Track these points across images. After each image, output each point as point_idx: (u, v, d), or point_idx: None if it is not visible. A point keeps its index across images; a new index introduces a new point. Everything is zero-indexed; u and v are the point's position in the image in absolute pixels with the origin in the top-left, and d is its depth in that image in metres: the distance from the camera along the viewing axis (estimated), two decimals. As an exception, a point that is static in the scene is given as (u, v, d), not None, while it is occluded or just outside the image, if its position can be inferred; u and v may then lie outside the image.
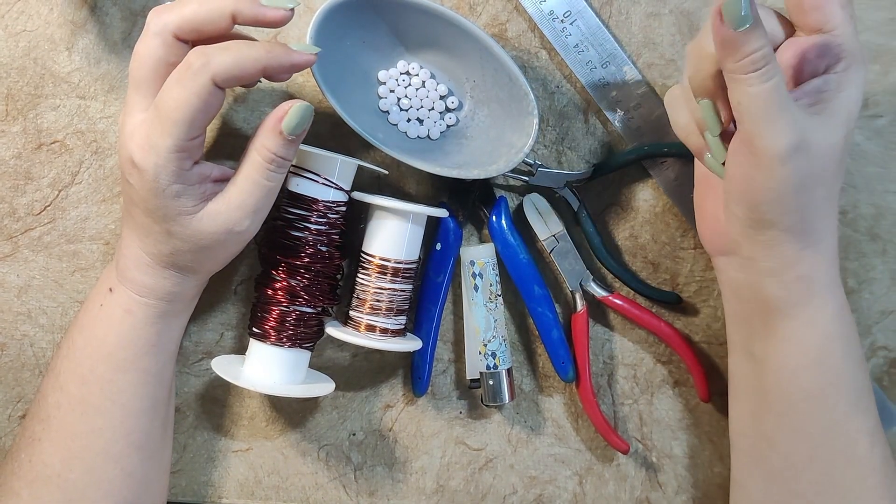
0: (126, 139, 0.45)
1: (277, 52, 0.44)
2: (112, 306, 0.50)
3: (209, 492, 0.59)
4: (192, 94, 0.43)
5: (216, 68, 0.43)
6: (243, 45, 0.44)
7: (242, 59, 0.43)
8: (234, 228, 0.47)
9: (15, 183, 0.57)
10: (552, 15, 0.55)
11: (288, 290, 0.51)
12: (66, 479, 0.49)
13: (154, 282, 0.49)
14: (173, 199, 0.45)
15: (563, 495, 0.60)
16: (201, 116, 0.44)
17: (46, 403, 0.50)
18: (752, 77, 0.40)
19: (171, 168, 0.44)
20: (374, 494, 0.60)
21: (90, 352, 0.50)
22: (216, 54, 0.43)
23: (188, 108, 0.43)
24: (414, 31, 0.53)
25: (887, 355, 0.58)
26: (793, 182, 0.43)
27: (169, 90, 0.43)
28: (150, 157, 0.44)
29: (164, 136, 0.43)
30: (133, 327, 0.50)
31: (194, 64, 0.43)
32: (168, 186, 0.45)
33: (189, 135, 0.44)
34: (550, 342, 0.56)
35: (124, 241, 0.50)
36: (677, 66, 0.57)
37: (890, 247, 0.58)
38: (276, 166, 0.47)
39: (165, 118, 0.43)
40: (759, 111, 0.41)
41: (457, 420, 0.59)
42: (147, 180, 0.45)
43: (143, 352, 0.50)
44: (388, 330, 0.53)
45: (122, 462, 0.50)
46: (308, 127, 0.46)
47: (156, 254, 0.48)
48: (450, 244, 0.56)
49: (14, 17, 0.56)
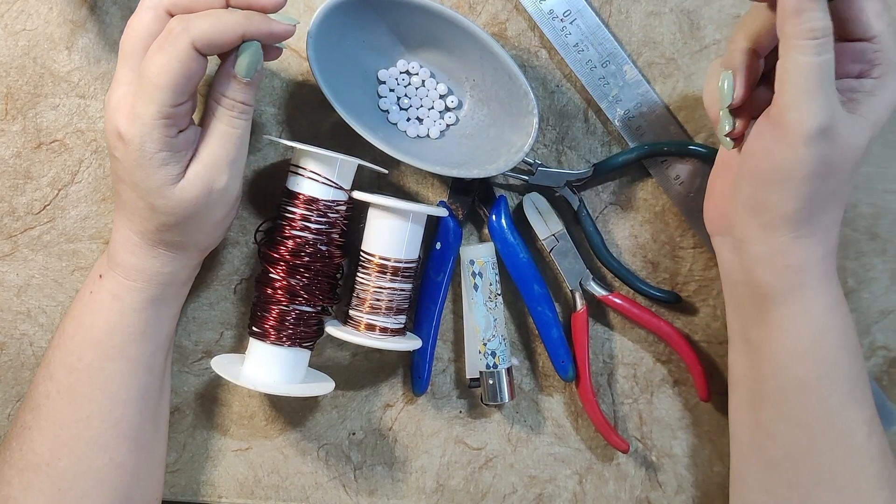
0: (112, 112, 0.45)
1: (256, 20, 0.45)
2: (101, 293, 0.50)
3: (209, 491, 0.59)
4: (173, 59, 0.43)
5: (195, 33, 0.43)
6: (223, 11, 0.45)
7: (221, 24, 0.44)
8: (214, 186, 0.47)
9: (14, 182, 0.57)
10: (552, 14, 0.55)
11: (288, 289, 0.51)
12: (55, 468, 0.49)
13: (143, 263, 0.49)
14: (159, 168, 0.45)
15: (563, 494, 0.60)
16: (183, 82, 0.44)
17: (37, 393, 0.50)
18: (807, 44, 0.40)
19: (155, 135, 0.44)
20: (374, 494, 0.60)
21: (79, 340, 0.50)
22: (195, 19, 0.44)
23: (170, 74, 0.43)
24: (414, 30, 0.53)
25: (887, 355, 0.58)
26: (809, 166, 0.43)
27: (151, 57, 0.44)
28: (135, 126, 0.44)
29: (148, 104, 0.44)
30: (121, 313, 0.50)
31: (175, 29, 0.43)
32: (154, 154, 0.45)
33: (173, 101, 0.44)
34: (550, 341, 0.56)
35: (115, 225, 0.50)
36: (678, 64, 0.56)
37: (889, 246, 0.58)
38: (239, 112, 0.47)
39: (149, 85, 0.44)
40: (803, 83, 0.41)
41: (457, 419, 0.59)
42: (133, 150, 0.45)
43: (131, 339, 0.50)
44: (388, 329, 0.53)
45: (111, 452, 0.50)
46: (262, 68, 0.47)
47: (143, 232, 0.48)
48: (450, 243, 0.56)
49: (14, 16, 0.56)
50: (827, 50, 0.41)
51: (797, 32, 0.41)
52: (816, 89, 0.41)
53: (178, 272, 0.51)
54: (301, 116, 0.57)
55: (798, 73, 0.41)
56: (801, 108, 0.42)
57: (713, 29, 0.56)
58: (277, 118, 0.57)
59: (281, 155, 0.57)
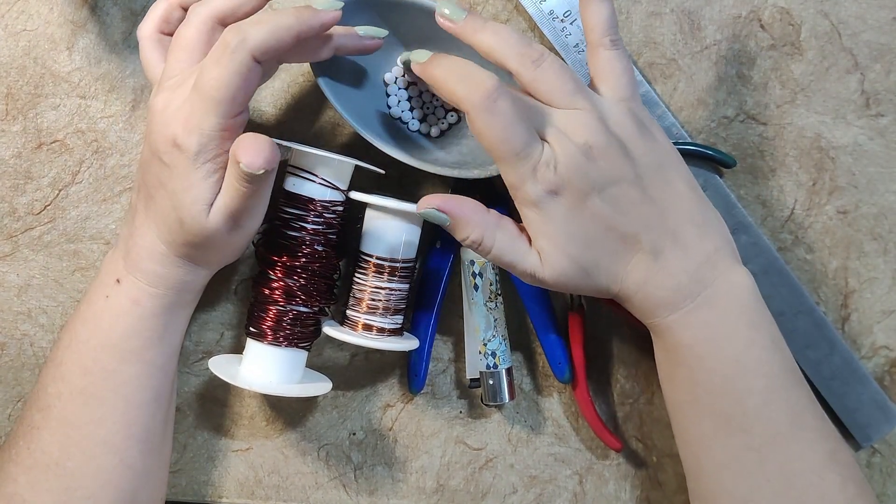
0: (169, 119, 0.45)
1: (306, 16, 0.45)
2: (119, 297, 0.50)
3: (209, 491, 0.59)
4: (232, 73, 0.43)
5: (253, 43, 0.43)
6: (274, 15, 0.44)
7: (276, 31, 0.43)
8: (226, 229, 0.47)
9: (15, 182, 0.57)
10: (552, 14, 0.55)
11: (285, 289, 0.51)
12: (64, 468, 0.49)
13: (167, 271, 0.49)
14: (202, 181, 0.45)
15: (564, 494, 0.60)
16: (242, 94, 0.44)
17: (46, 393, 0.50)
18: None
19: (212, 146, 0.45)
20: (375, 494, 0.60)
21: (95, 343, 0.50)
22: (251, 30, 0.43)
23: (230, 87, 0.43)
24: (414, 31, 0.53)
25: (888, 355, 0.58)
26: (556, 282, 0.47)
27: (209, 70, 0.43)
28: (193, 136, 0.44)
29: (209, 115, 0.44)
30: (140, 318, 0.50)
31: (232, 42, 0.43)
32: (202, 165, 0.45)
33: (233, 112, 0.44)
34: (547, 343, 0.56)
35: (138, 230, 0.49)
36: (678, 65, 0.56)
37: (891, 246, 0.57)
38: (248, 181, 0.45)
39: (208, 98, 0.43)
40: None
41: (457, 419, 0.59)
42: (186, 158, 0.45)
43: (149, 343, 0.50)
44: (385, 329, 0.53)
45: (122, 453, 0.50)
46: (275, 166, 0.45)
47: (171, 242, 0.48)
48: (449, 243, 0.56)
49: (14, 16, 0.56)
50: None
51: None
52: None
53: (197, 280, 0.51)
54: (299, 117, 0.57)
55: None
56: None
57: (714, 29, 0.56)
58: (276, 119, 0.57)
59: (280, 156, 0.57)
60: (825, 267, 0.58)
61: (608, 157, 0.45)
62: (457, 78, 0.44)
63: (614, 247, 0.46)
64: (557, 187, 0.45)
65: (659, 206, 0.46)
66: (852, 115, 0.57)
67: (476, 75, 0.44)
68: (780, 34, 0.57)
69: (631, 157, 0.46)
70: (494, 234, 0.47)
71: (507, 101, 0.43)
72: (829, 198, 0.57)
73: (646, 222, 0.46)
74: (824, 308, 0.58)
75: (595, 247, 0.46)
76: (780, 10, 0.57)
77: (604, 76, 0.47)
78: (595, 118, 0.45)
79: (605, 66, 0.47)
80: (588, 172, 0.45)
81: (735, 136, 0.57)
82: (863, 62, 0.57)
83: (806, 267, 0.58)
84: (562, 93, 0.45)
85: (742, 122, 0.57)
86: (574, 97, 0.45)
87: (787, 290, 0.56)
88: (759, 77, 0.57)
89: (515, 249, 0.47)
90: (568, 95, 0.45)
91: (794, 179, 0.57)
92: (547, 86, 0.45)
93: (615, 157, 0.45)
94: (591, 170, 0.45)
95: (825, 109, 0.57)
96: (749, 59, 0.57)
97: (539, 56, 0.45)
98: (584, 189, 0.45)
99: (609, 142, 0.45)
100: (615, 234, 0.46)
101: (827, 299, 0.58)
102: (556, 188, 0.45)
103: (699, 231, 0.47)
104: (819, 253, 0.58)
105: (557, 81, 0.45)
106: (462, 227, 0.46)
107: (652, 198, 0.46)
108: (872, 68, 0.57)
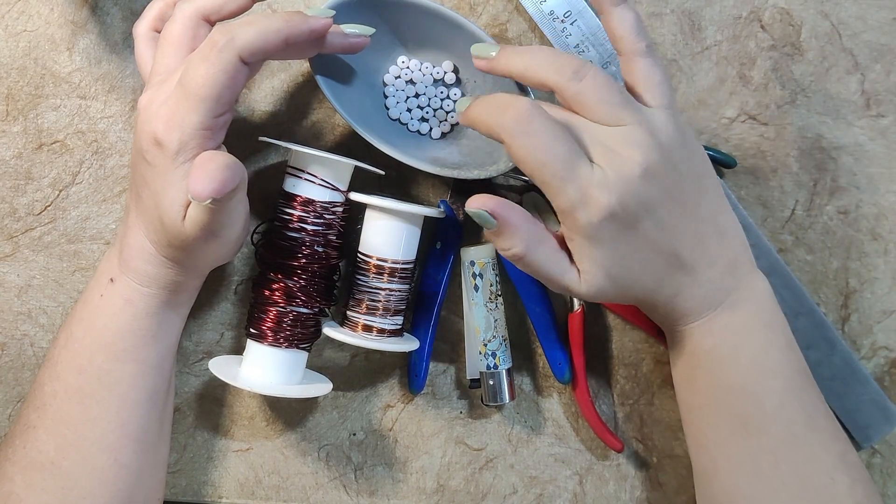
0: (150, 116, 0.45)
1: (296, 20, 0.44)
2: (113, 296, 0.50)
3: (209, 491, 0.59)
4: (218, 71, 0.43)
5: (241, 43, 0.43)
6: (264, 17, 0.44)
7: (265, 32, 0.43)
8: (202, 238, 0.46)
9: (15, 183, 0.57)
10: (552, 15, 0.55)
11: (285, 290, 0.51)
12: (59, 467, 0.49)
13: (157, 271, 0.49)
14: (182, 180, 0.45)
15: (564, 495, 0.60)
16: (228, 93, 0.44)
17: (42, 392, 0.51)
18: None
19: (193, 145, 0.44)
20: (375, 494, 0.60)
21: (89, 342, 0.50)
22: (240, 30, 0.43)
23: (216, 85, 0.43)
24: (414, 31, 0.53)
25: (888, 355, 0.58)
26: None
27: (195, 68, 0.43)
28: (174, 133, 0.44)
29: (192, 113, 0.43)
30: (134, 317, 0.50)
31: (219, 41, 0.43)
32: (182, 164, 0.44)
33: (216, 111, 0.44)
34: (548, 343, 0.56)
35: (130, 230, 0.49)
36: (679, 65, 0.56)
37: (891, 247, 0.57)
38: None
39: (193, 96, 0.43)
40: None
41: (457, 420, 0.59)
42: (167, 156, 0.44)
43: (142, 342, 0.50)
44: (385, 330, 0.53)
45: (117, 452, 0.50)
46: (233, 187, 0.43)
47: (156, 242, 0.48)
48: (449, 244, 0.56)
49: (14, 17, 0.56)
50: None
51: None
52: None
53: (189, 281, 0.51)
54: (298, 117, 0.57)
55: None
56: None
57: (714, 30, 0.56)
58: (275, 119, 0.57)
59: (279, 156, 0.57)
60: (825, 267, 0.58)
61: (663, 176, 0.43)
62: (491, 109, 0.43)
63: (656, 266, 0.45)
64: (612, 213, 0.42)
65: (695, 218, 0.45)
66: (853, 115, 0.57)
67: (507, 100, 0.42)
68: (780, 35, 0.57)
69: (679, 171, 0.44)
70: (537, 250, 0.44)
71: (542, 120, 0.41)
72: (830, 198, 0.57)
73: (685, 239, 0.45)
74: (824, 308, 0.58)
75: (638, 269, 0.45)
76: (781, 10, 0.57)
77: (645, 85, 0.45)
78: (647, 133, 0.43)
79: (646, 73, 0.45)
80: (644, 195, 0.42)
81: (736, 137, 0.57)
82: (863, 63, 0.57)
83: (806, 267, 0.58)
84: (609, 106, 0.42)
85: (743, 123, 0.57)
86: (622, 111, 0.42)
87: (788, 290, 0.56)
88: (759, 77, 0.57)
89: (555, 266, 0.45)
90: (616, 109, 0.42)
91: (794, 180, 0.57)
92: (591, 100, 0.42)
93: (669, 175, 0.43)
94: (646, 191, 0.43)
95: (826, 110, 0.57)
96: (749, 60, 0.57)
97: (580, 68, 0.42)
98: (637, 213, 0.43)
99: (662, 159, 0.43)
100: (661, 256, 0.45)
101: (827, 300, 0.58)
102: (610, 214, 0.42)
103: (721, 239, 0.47)
104: (819, 253, 0.58)
105: (603, 94, 0.42)
106: (508, 236, 0.44)
107: (691, 212, 0.45)
108: (873, 69, 0.57)
